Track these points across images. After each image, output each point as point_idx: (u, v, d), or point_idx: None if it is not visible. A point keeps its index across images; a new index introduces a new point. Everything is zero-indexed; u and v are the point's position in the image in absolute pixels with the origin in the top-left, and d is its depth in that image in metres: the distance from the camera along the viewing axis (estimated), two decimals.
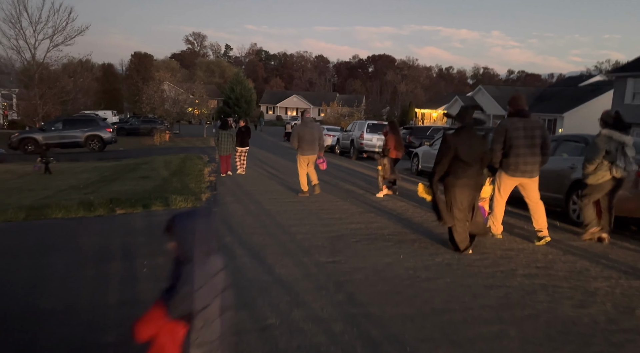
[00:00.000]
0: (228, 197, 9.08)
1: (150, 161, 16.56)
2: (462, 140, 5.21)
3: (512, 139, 5.61)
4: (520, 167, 5.64)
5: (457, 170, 5.19)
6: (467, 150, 5.16)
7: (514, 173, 5.71)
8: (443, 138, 5.38)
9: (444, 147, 5.29)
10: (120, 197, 8.41)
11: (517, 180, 5.77)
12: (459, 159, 5.17)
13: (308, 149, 9.17)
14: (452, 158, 5.17)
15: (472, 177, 5.19)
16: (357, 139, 19.19)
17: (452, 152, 5.16)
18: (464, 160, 5.14)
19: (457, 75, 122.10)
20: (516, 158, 5.62)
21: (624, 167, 5.70)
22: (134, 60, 57.06)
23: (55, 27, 25.42)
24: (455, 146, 5.16)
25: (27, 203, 8.70)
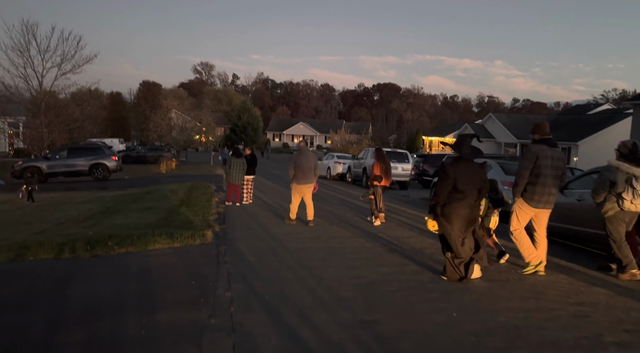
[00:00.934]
0: (238, 232, 8.30)
1: (156, 190, 15.89)
2: (460, 169, 5.15)
3: (541, 167, 5.38)
4: (545, 197, 5.44)
5: (453, 199, 5.13)
6: (465, 180, 5.10)
7: (537, 204, 5.47)
8: (441, 167, 5.33)
9: (443, 176, 5.24)
10: (121, 232, 7.66)
11: (536, 210, 5.52)
12: (455, 189, 5.11)
13: (303, 177, 9.01)
14: (451, 188, 5.13)
15: (468, 208, 5.14)
16: (370, 167, 18.43)
17: (451, 181, 5.10)
18: (461, 190, 5.09)
19: (462, 104, 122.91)
20: (543, 188, 5.39)
21: (630, 200, 5.39)
22: (142, 89, 57.49)
23: (64, 56, 25.41)
24: (454, 175, 5.10)
25: (19, 239, 7.95)
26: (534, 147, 5.51)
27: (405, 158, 18.63)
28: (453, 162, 5.27)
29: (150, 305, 4.30)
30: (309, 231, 8.47)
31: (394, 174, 18.39)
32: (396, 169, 18.30)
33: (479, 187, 5.21)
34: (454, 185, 5.10)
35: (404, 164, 18.47)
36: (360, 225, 9.38)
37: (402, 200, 15.39)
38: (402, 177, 18.55)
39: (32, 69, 24.91)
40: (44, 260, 6.10)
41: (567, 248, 7.54)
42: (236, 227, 8.80)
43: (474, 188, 5.16)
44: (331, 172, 23.45)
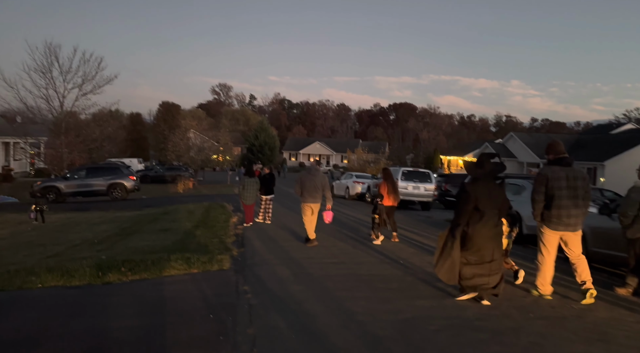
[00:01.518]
0: (258, 256, 7.82)
1: (173, 211, 15.59)
2: (481, 189, 5.11)
3: (553, 189, 5.28)
4: (564, 220, 5.30)
5: (474, 220, 5.07)
6: (486, 200, 5.06)
7: (557, 226, 5.35)
8: (462, 187, 5.30)
9: (463, 196, 5.18)
10: (135, 256, 7.25)
11: (559, 233, 5.41)
12: (476, 209, 5.06)
13: (309, 196, 8.92)
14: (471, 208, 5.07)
15: (490, 227, 5.09)
16: None
17: (473, 201, 5.06)
18: (482, 210, 5.04)
19: (479, 123, 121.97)
20: (558, 210, 5.28)
21: None
22: (161, 109, 58.31)
23: (85, 77, 25.76)
24: (475, 195, 5.06)
25: (30, 263, 7.62)
26: (544, 170, 5.47)
27: (428, 178, 18.04)
28: (473, 182, 5.22)
29: (163, 344, 3.83)
30: (332, 255, 7.94)
31: (416, 194, 17.82)
32: (418, 188, 17.73)
33: (499, 207, 5.15)
34: (475, 205, 5.02)
35: (427, 184, 17.86)
36: (386, 249, 8.81)
37: (426, 221, 14.75)
38: (424, 197, 17.93)
39: (54, 90, 25.29)
40: (53, 288, 5.70)
41: (621, 277, 6.85)
42: (255, 251, 8.33)
43: (494, 208, 5.10)
44: (350, 191, 22.94)
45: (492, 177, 5.28)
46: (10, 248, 9.66)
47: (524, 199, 10.77)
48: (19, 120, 32.66)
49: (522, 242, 10.37)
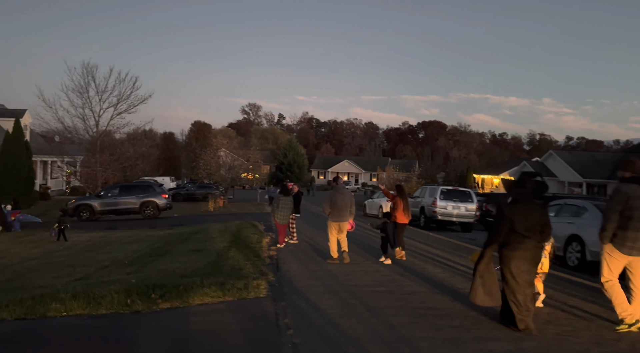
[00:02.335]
0: (296, 282, 7.18)
1: (204, 230, 15.22)
2: (519, 210, 4.91)
3: (632, 209, 4.85)
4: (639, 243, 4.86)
5: (512, 242, 4.88)
6: (524, 222, 4.84)
7: (631, 250, 4.88)
8: (498, 208, 5.23)
9: (498, 217, 5.06)
10: (166, 281, 6.75)
11: (629, 259, 4.94)
12: (514, 231, 4.85)
13: (339, 215, 8.90)
14: (508, 229, 4.87)
15: (529, 250, 4.85)
16: (428, 207, 17.07)
17: (507, 223, 4.87)
18: (520, 232, 4.83)
19: (512, 141, 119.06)
20: (636, 232, 4.85)
21: None
22: (193, 129, 59.38)
23: (120, 96, 26.25)
24: (511, 217, 4.87)
25: (58, 286, 7.23)
26: (624, 187, 5.00)
27: (469, 197, 17.07)
28: (510, 203, 5.03)
29: None
30: (377, 283, 7.21)
31: (457, 214, 16.87)
32: (458, 208, 16.79)
33: (540, 229, 4.91)
34: (512, 227, 4.83)
35: (468, 204, 16.89)
36: (436, 276, 8.01)
37: (471, 244, 13.77)
38: (465, 218, 16.94)
39: (90, 109, 25.85)
40: (79, 317, 5.22)
41: None
42: (292, 276, 7.69)
43: (534, 230, 4.86)
44: (383, 210, 22.08)
45: (533, 197, 5.03)
46: (39, 269, 9.39)
47: (586, 222, 9.77)
48: (57, 140, 33.62)
49: (584, 269, 9.34)
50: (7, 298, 5.97)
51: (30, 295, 6.11)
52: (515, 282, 4.86)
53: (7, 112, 32.10)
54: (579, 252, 9.70)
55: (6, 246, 12.71)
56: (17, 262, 10.34)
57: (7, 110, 32.75)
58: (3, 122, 30.96)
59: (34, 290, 7.09)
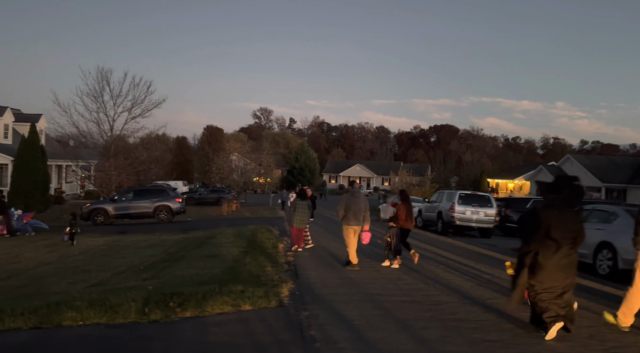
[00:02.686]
0: (317, 290, 6.92)
1: (219, 234, 15.04)
2: (554, 216, 4.76)
3: None
4: None
5: (546, 249, 4.74)
6: (560, 228, 4.71)
7: None
8: (532, 212, 5.09)
9: (533, 222, 4.91)
10: (184, 288, 6.54)
11: None
12: (548, 237, 4.71)
13: (353, 219, 8.82)
14: (542, 235, 4.74)
15: (563, 257, 4.73)
16: (446, 212, 16.69)
17: (543, 228, 4.73)
18: (554, 238, 4.70)
19: (525, 145, 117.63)
20: None
21: None
22: (206, 133, 59.59)
23: (134, 100, 26.32)
24: (547, 222, 4.72)
25: (73, 292, 7.07)
26: None
27: (488, 202, 16.65)
28: (545, 207, 4.89)
29: None
30: (402, 292, 6.91)
31: (476, 219, 16.47)
32: (477, 213, 16.38)
33: (574, 235, 4.80)
34: (547, 232, 4.70)
35: (487, 209, 16.46)
36: (461, 286, 7.68)
37: (492, 251, 13.37)
38: (484, 223, 16.51)
39: (105, 114, 25.95)
40: (95, 326, 5.02)
41: None
42: (312, 283, 7.43)
43: (569, 236, 4.75)
44: None
45: (569, 203, 4.91)
46: (55, 274, 9.26)
47: (617, 228, 9.36)
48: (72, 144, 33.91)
49: (616, 277, 8.92)
50: (22, 305, 5.81)
51: (46, 302, 5.94)
52: (545, 291, 4.71)
53: (23, 117, 32.46)
54: (610, 259, 9.28)
55: (21, 250, 12.66)
56: (32, 266, 10.25)
57: (23, 115, 33.12)
58: (19, 127, 31.31)
59: (49, 297, 6.93)
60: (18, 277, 9.09)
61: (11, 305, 5.81)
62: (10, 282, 8.59)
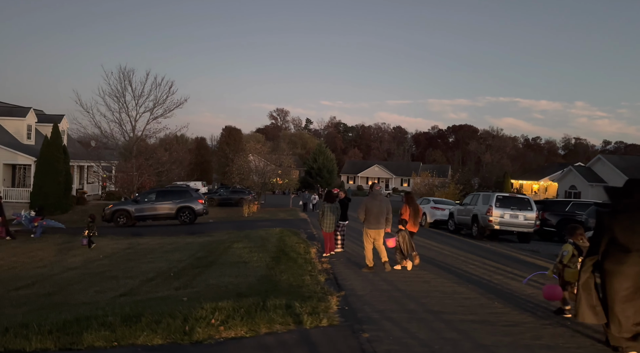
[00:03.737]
0: (367, 304, 6.24)
1: (245, 237, 14.48)
2: (623, 222, 4.51)
3: None
4: None
5: (613, 255, 4.51)
6: (628, 234, 4.45)
7: None
8: (597, 218, 5.02)
9: (598, 228, 4.79)
10: (224, 302, 5.92)
11: None
12: (616, 243, 4.48)
13: (375, 222, 8.70)
14: (609, 241, 4.55)
15: (632, 265, 4.42)
16: (482, 215, 15.80)
17: (608, 234, 4.56)
18: (624, 245, 4.43)
19: (546, 146, 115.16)
20: None
21: None
22: (224, 133, 59.42)
23: (156, 100, 26.03)
24: (612, 229, 4.52)
25: (102, 302, 6.53)
26: None
27: (528, 205, 15.72)
28: (612, 213, 4.67)
29: None
30: (464, 308, 6.17)
31: (514, 223, 15.58)
32: (516, 217, 15.47)
33: None
34: (614, 237, 4.49)
35: (527, 212, 15.53)
36: (528, 300, 6.92)
37: (540, 258, 12.49)
38: (524, 227, 15.59)
39: (127, 114, 25.70)
40: (131, 348, 4.44)
41: None
42: (359, 296, 6.76)
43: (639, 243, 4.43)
44: (427, 218, 20.93)
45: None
46: (81, 281, 8.77)
47: None
48: (93, 145, 33.89)
49: None
50: (50, 319, 5.28)
51: (75, 316, 5.40)
52: (614, 300, 4.46)
53: (46, 118, 32.55)
54: None
55: (45, 254, 12.28)
56: (58, 272, 9.81)
57: (45, 116, 33.23)
58: (42, 128, 31.39)
59: (78, 308, 6.41)
60: (43, 284, 8.63)
61: (38, 319, 5.28)
62: (35, 289, 8.13)
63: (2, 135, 28.33)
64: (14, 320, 5.36)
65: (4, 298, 7.53)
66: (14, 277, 9.19)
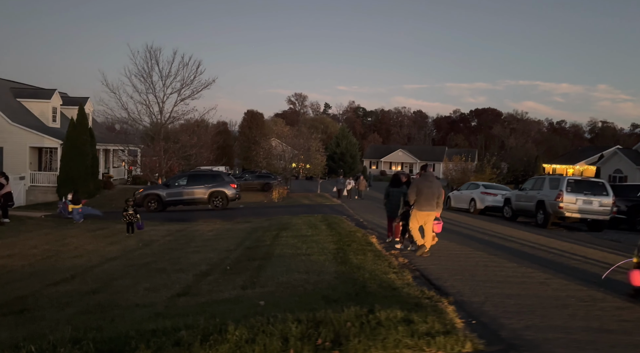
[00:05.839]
0: (495, 315, 4.94)
1: (290, 225, 13.30)
2: None
3: None
4: None
5: None
6: None
7: None
8: None
9: None
10: (311, 307, 4.69)
11: None
12: None
13: (426, 204, 8.43)
14: None
15: None
16: (550, 201, 14.26)
17: None
18: None
19: (571, 129, 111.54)
20: None
21: None
22: (247, 118, 58.29)
23: (184, 81, 24.85)
24: None
25: (159, 305, 5.37)
26: None
27: (603, 189, 14.09)
28: None
29: None
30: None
31: (588, 210, 14.00)
32: (590, 203, 13.89)
33: None
34: None
35: (602, 198, 13.92)
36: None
37: (613, 247, 10.97)
38: (600, 214, 13.99)
39: (154, 95, 24.61)
40: None
41: None
42: (473, 301, 5.47)
43: None
44: (476, 204, 19.43)
45: None
46: (126, 274, 7.65)
47: None
48: (118, 128, 33.04)
49: None
50: (107, 334, 4.11)
51: (136, 330, 4.21)
52: None
53: (70, 100, 31.75)
54: None
55: (80, 241, 11.28)
56: (97, 263, 8.74)
57: (70, 98, 32.44)
58: (66, 110, 30.61)
59: (133, 313, 5.26)
60: (83, 277, 7.54)
61: (91, 334, 4.13)
62: (76, 285, 7.03)
63: (28, 118, 27.61)
64: (61, 334, 4.22)
65: (43, 296, 6.46)
66: (51, 269, 8.16)
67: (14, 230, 13.03)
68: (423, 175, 8.96)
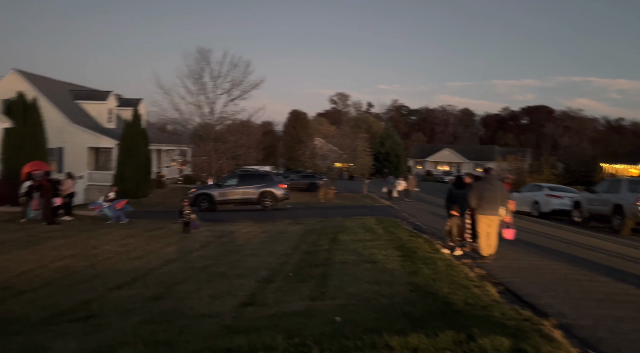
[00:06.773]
0: (616, 345, 4.20)
1: (343, 227, 12.82)
2: None
3: None
4: None
5: None
6: None
7: None
8: None
9: None
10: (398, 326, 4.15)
11: None
12: None
13: (488, 208, 8.21)
14: None
15: None
16: (629, 205, 12.96)
17: None
18: None
19: (631, 128, 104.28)
20: None
21: None
22: (291, 118, 58.49)
23: (233, 81, 24.96)
24: None
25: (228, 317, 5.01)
26: None
27: None
28: None
29: None
30: None
31: None
32: None
33: None
34: None
35: None
36: None
37: None
38: None
39: (205, 95, 24.86)
40: None
41: None
42: (581, 325, 4.75)
43: None
44: (541, 207, 18.15)
45: None
46: (187, 279, 7.42)
47: None
48: (169, 129, 33.84)
49: None
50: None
51: (210, 349, 3.83)
52: None
53: (125, 102, 32.84)
54: None
55: (138, 241, 11.31)
56: (156, 265, 8.61)
57: (124, 100, 33.56)
58: (121, 112, 31.68)
59: (201, 324, 4.93)
60: (145, 281, 7.38)
61: (164, 351, 3.79)
62: (138, 289, 6.86)
63: (85, 119, 28.75)
64: (132, 349, 3.92)
65: (107, 301, 6.30)
66: (112, 271, 8.08)
67: (75, 229, 13.34)
68: (484, 178, 8.74)
